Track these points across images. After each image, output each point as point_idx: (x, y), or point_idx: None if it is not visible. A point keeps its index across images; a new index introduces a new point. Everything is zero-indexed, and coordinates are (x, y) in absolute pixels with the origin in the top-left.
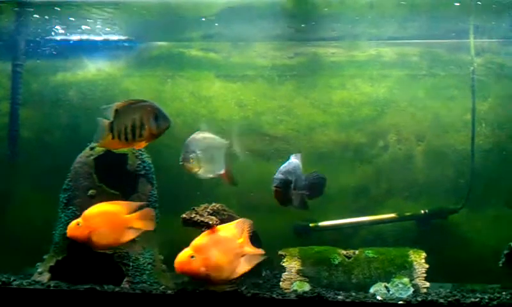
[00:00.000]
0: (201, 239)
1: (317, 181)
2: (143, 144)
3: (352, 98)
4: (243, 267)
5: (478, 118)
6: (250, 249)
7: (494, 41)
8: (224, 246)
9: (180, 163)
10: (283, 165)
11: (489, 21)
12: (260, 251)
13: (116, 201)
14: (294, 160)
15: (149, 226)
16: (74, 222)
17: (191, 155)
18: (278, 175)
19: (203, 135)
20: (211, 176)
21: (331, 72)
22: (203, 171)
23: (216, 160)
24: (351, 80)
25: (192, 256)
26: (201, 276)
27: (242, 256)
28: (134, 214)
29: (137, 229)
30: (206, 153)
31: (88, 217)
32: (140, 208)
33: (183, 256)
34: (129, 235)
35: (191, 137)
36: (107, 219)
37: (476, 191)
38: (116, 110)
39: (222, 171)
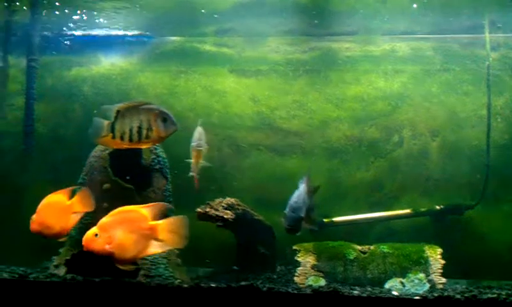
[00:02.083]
0: (107, 218)
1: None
2: (148, 145)
3: (367, 93)
4: (153, 249)
5: (493, 113)
6: (164, 235)
7: (510, 36)
8: (130, 226)
9: (198, 148)
10: (293, 199)
11: (505, 16)
12: (173, 244)
13: (58, 191)
14: (302, 188)
15: (89, 207)
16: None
17: (204, 144)
18: (290, 213)
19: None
20: (193, 174)
21: (345, 67)
22: (203, 164)
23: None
24: (365, 75)
25: (96, 234)
26: (105, 254)
27: (154, 238)
28: (73, 199)
29: (79, 212)
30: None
31: (38, 211)
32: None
33: (88, 234)
34: (74, 219)
35: (200, 128)
36: (52, 210)
37: (491, 187)
38: (118, 112)
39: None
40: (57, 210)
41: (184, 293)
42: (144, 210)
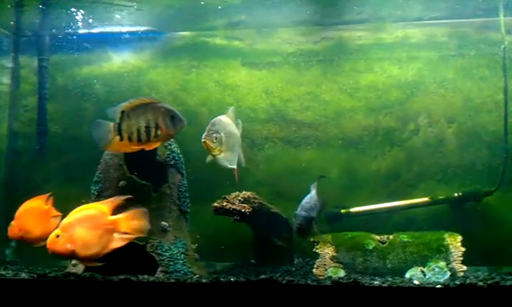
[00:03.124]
0: (67, 218)
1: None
2: (157, 144)
3: (381, 82)
4: (116, 243)
5: (510, 97)
6: (126, 227)
7: None
8: (90, 223)
9: (202, 140)
10: (306, 200)
11: None
12: (136, 233)
13: (36, 196)
14: (313, 192)
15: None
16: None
17: (214, 134)
18: (302, 212)
19: (229, 121)
20: (226, 165)
21: (358, 56)
22: (222, 156)
23: (233, 152)
24: (379, 63)
25: (58, 236)
26: (68, 254)
27: (115, 232)
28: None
29: (57, 216)
30: (229, 139)
31: (17, 217)
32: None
33: (51, 236)
34: (54, 223)
35: (218, 117)
36: (32, 215)
37: (510, 172)
38: (123, 112)
39: (235, 166)
40: (37, 215)
41: (203, 289)
42: (103, 206)
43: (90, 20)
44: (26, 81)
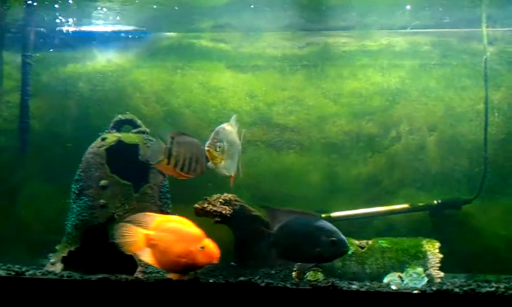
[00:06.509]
0: None
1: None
2: (189, 176)
3: (364, 88)
4: None
5: (491, 107)
6: None
7: (507, 30)
8: None
9: (206, 148)
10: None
11: (502, 9)
12: None
13: None
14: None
15: None
16: None
17: (218, 143)
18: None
19: (231, 129)
20: (224, 173)
21: (343, 62)
22: (223, 164)
23: (233, 160)
24: (363, 70)
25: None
26: None
27: None
28: None
29: None
30: (230, 148)
31: None
32: None
33: None
34: None
35: (222, 125)
36: None
37: (489, 181)
38: (173, 138)
39: (233, 173)
40: None
41: (182, 289)
42: None
43: (76, 18)
44: (9, 77)
